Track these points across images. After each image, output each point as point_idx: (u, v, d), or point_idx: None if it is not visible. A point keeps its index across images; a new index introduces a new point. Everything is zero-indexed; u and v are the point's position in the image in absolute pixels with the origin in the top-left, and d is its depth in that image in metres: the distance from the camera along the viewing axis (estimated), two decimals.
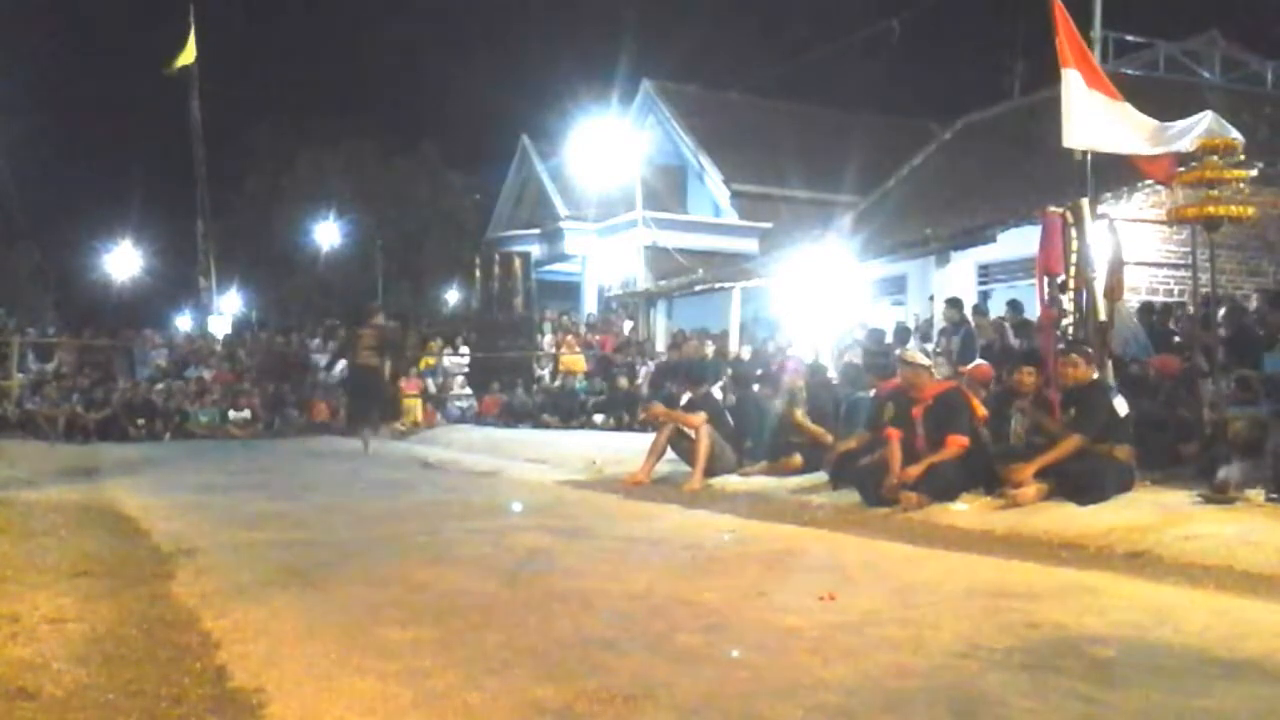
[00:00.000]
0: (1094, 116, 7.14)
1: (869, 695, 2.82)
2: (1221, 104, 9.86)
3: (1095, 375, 6.79)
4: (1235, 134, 6.95)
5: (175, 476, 9.70)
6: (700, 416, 8.64)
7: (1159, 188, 9.86)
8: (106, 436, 15.38)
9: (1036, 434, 6.71)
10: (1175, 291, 12.09)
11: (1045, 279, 7.90)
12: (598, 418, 15.59)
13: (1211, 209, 6.89)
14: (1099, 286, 7.64)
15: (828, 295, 14.63)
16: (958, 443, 6.61)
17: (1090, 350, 6.96)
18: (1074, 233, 7.61)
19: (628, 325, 20.64)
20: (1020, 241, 11.38)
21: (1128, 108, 7.31)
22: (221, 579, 4.46)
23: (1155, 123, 7.31)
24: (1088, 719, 2.67)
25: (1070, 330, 7.65)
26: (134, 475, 9.67)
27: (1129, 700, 2.78)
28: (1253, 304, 11.07)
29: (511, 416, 16.90)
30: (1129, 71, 14.57)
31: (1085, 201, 7.69)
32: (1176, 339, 10.03)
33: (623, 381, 16.03)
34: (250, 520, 6.40)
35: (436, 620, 3.68)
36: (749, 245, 22.02)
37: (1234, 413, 7.10)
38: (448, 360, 19.91)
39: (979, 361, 9.03)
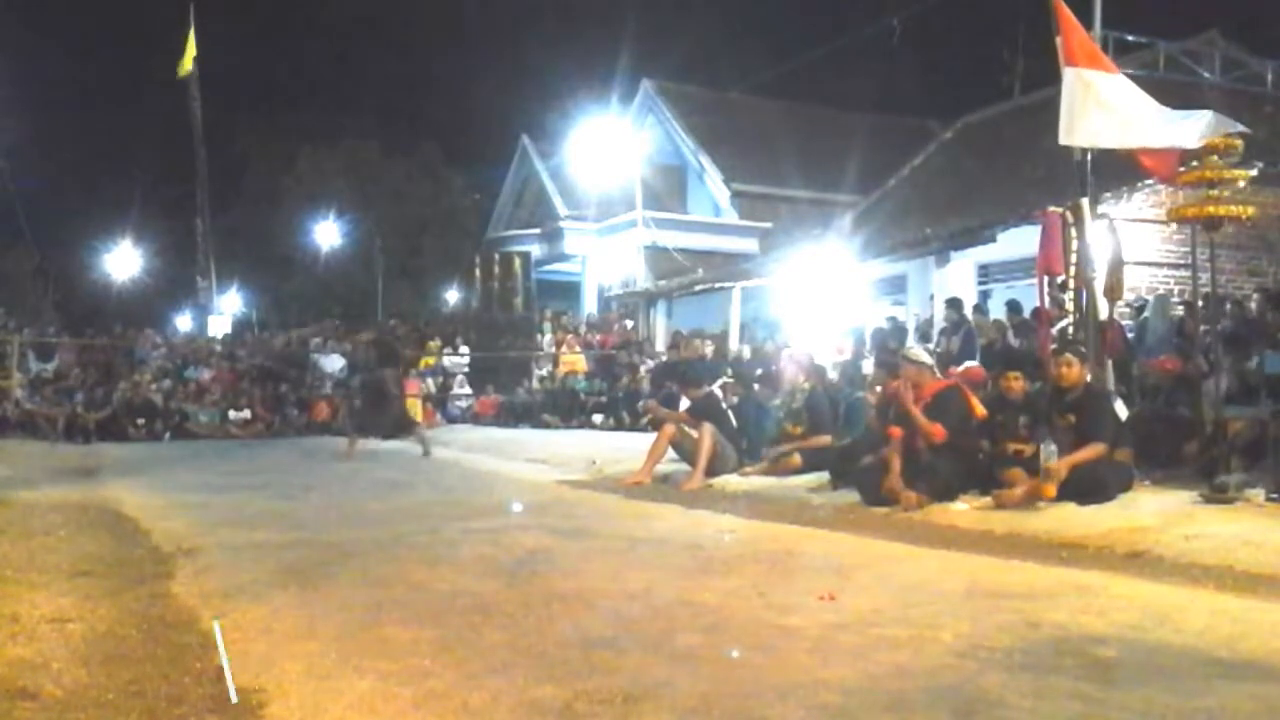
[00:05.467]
0: (1094, 114, 7.11)
1: (869, 695, 2.82)
2: (1221, 104, 9.85)
3: (1090, 378, 6.78)
4: (1240, 128, 6.91)
5: (175, 477, 9.70)
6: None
7: (1159, 188, 9.87)
8: (106, 437, 15.38)
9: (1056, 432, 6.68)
10: (1175, 291, 12.08)
11: (1045, 279, 7.91)
12: (597, 418, 15.59)
13: (1211, 209, 6.88)
14: (1099, 286, 7.64)
15: (828, 295, 14.63)
16: (936, 432, 6.64)
17: (1084, 350, 6.96)
18: (1074, 232, 7.62)
19: (628, 324, 20.64)
20: (1020, 241, 11.38)
21: (1132, 92, 7.21)
22: (221, 579, 4.46)
23: (1159, 109, 7.23)
24: (1087, 719, 2.67)
25: (1070, 330, 7.65)
26: (134, 475, 9.67)
27: (1129, 700, 2.77)
28: (1253, 304, 11.06)
29: (511, 416, 16.91)
30: (1129, 71, 14.51)
31: (1085, 201, 7.70)
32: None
33: (623, 381, 16.03)
34: (250, 520, 6.40)
35: (436, 620, 3.68)
36: (749, 245, 22.01)
37: (1234, 413, 7.10)
38: (448, 360, 19.91)
39: (969, 364, 9.01)
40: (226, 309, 30.03)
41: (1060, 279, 7.95)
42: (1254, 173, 7.39)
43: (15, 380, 16.41)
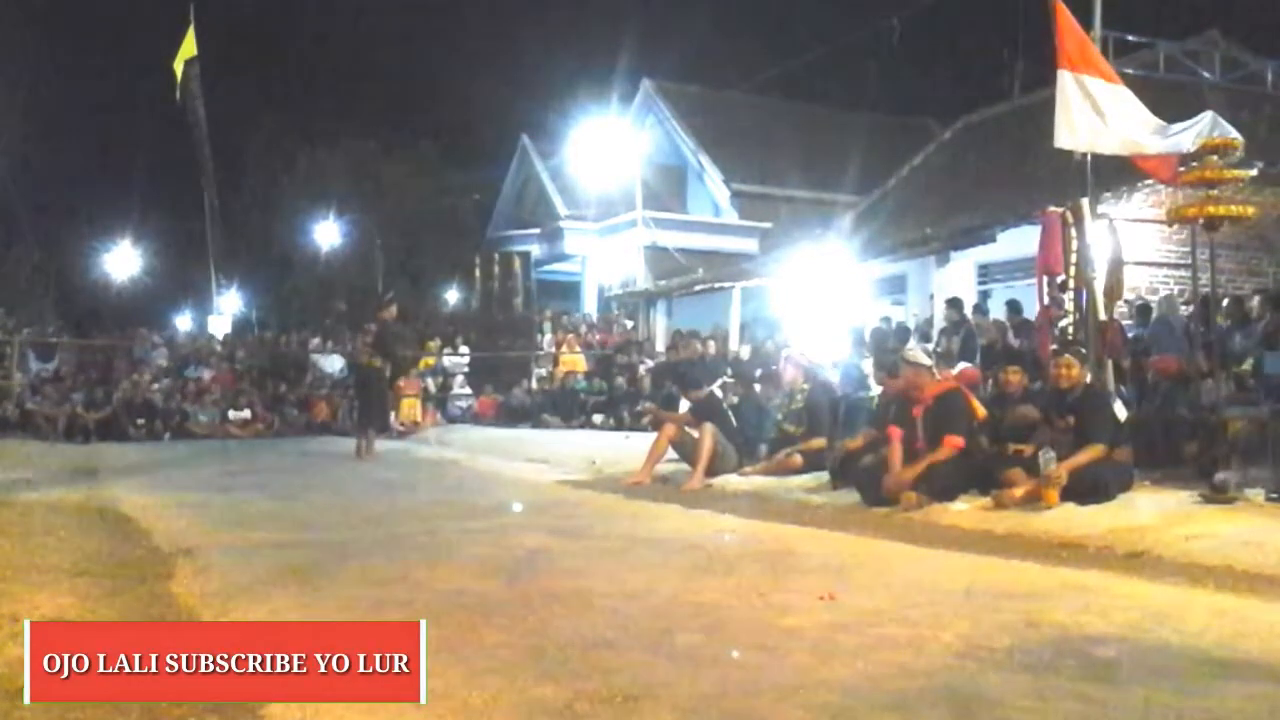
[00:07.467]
0: (1089, 118, 7.13)
1: (869, 695, 2.82)
2: (1221, 104, 9.85)
3: (1089, 379, 6.79)
4: (1235, 134, 6.94)
5: (175, 476, 9.70)
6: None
7: (1159, 188, 9.86)
8: (106, 437, 15.36)
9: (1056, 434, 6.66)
10: (1175, 292, 12.07)
11: (1045, 279, 7.91)
12: (597, 418, 15.59)
13: (1211, 209, 6.89)
14: (1099, 286, 7.64)
15: (828, 295, 14.63)
16: (953, 444, 6.63)
17: (1084, 351, 6.96)
18: (1074, 233, 7.62)
19: (628, 324, 20.65)
20: (1020, 241, 11.38)
21: (1130, 103, 7.25)
22: (221, 579, 4.46)
23: (1156, 120, 7.28)
24: (1087, 719, 2.67)
25: (1070, 331, 7.65)
26: (134, 475, 9.66)
27: (1129, 700, 2.78)
28: (1253, 304, 11.06)
29: (511, 416, 16.90)
30: (1129, 71, 14.51)
31: (1085, 201, 7.70)
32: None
33: (623, 381, 16.03)
34: (250, 520, 6.40)
35: (437, 620, 3.66)
36: (749, 245, 22.03)
37: (1234, 413, 7.10)
38: (448, 360, 19.91)
39: (963, 365, 9.01)
40: (226, 309, 29.99)
41: (1060, 279, 7.95)
42: (1254, 173, 7.40)
43: (15, 380, 16.41)
